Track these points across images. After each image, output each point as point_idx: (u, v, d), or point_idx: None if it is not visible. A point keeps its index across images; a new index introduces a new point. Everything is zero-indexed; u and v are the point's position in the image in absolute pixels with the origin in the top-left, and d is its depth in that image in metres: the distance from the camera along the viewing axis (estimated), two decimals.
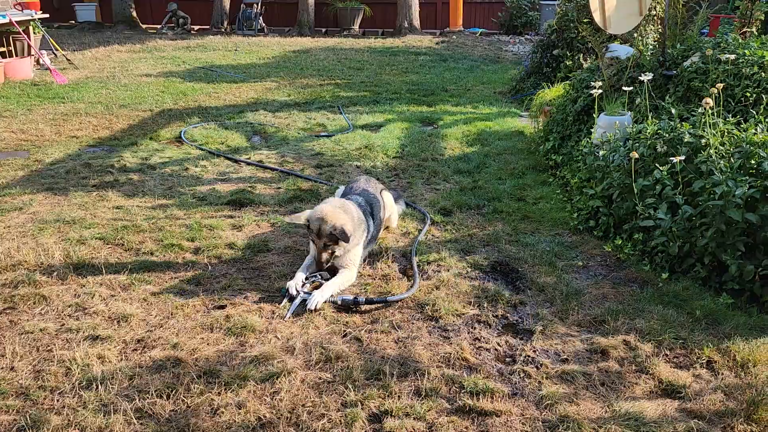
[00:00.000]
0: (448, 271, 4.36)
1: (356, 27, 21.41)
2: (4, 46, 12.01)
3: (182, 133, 7.94)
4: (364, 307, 3.90)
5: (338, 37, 20.11)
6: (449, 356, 3.39)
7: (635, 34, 6.61)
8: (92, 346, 3.45)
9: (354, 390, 3.09)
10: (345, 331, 3.65)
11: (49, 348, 3.45)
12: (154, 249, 4.64)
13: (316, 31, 21.15)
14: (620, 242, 4.59)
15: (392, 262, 4.54)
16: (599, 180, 4.96)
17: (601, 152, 4.95)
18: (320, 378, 3.20)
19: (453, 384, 3.16)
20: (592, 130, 5.64)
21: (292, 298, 3.94)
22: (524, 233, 5.00)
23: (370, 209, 4.58)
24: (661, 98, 5.55)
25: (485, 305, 3.92)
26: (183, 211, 5.40)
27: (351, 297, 3.91)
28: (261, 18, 20.79)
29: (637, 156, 4.18)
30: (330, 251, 4.14)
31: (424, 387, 3.12)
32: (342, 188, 5.13)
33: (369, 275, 4.36)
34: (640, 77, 5.36)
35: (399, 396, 3.06)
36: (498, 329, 3.70)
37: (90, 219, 5.18)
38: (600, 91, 5.22)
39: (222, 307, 3.89)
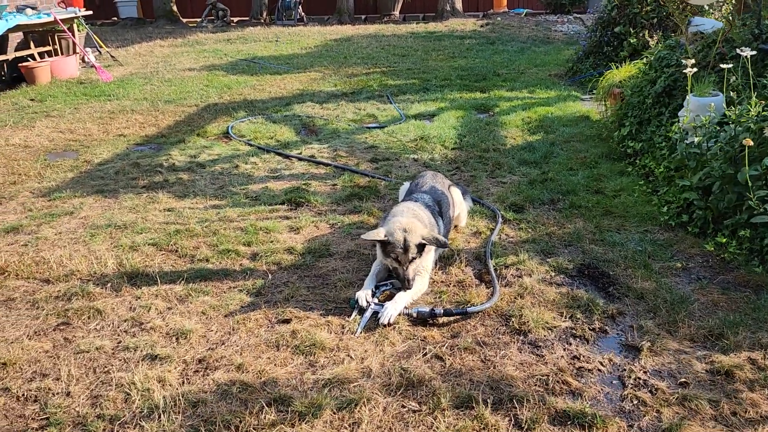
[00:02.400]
0: (530, 276, 3.93)
1: (396, 12, 20.91)
2: (49, 45, 11.99)
3: (230, 128, 7.68)
4: (441, 320, 3.53)
5: (378, 23, 19.66)
6: (547, 379, 2.99)
7: (718, 5, 5.99)
8: (151, 367, 3.16)
9: (444, 422, 2.72)
10: (424, 348, 3.28)
11: (106, 369, 3.18)
12: (209, 255, 4.35)
13: (355, 18, 20.75)
14: (724, 240, 4.09)
15: (465, 266, 4.15)
16: (694, 169, 4.44)
17: (696, 138, 4.42)
18: (404, 407, 2.84)
19: (557, 413, 2.76)
20: (680, 114, 5.09)
21: (362, 311, 3.59)
22: (609, 231, 4.53)
23: (439, 208, 4.19)
24: (758, 76, 4.96)
25: (578, 316, 3.50)
26: (236, 213, 5.10)
27: (427, 309, 3.53)
28: (300, 7, 20.50)
29: (752, 143, 3.66)
30: (414, 263, 3.75)
31: (525, 417, 2.72)
32: (407, 185, 4.74)
33: (442, 281, 3.98)
34: (733, 53, 4.80)
35: (496, 429, 2.68)
36: (598, 345, 3.27)
37: (141, 223, 4.93)
38: (694, 69, 4.67)
39: (287, 321, 3.56)
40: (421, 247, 3.68)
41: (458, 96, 9.20)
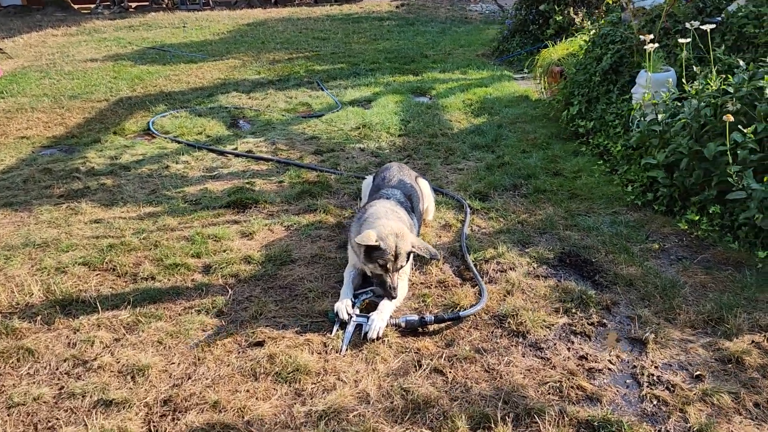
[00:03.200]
0: (514, 270, 3.72)
1: None
2: None
3: (150, 123, 6.99)
4: (431, 327, 3.24)
5: (291, 6, 18.96)
6: (560, 385, 2.77)
7: None
8: (107, 416, 2.68)
9: None
10: (419, 362, 2.98)
11: (50, 425, 2.66)
12: (154, 272, 3.84)
13: (265, 2, 19.90)
14: (696, 218, 4.03)
15: (443, 263, 3.87)
16: (658, 147, 4.37)
17: (659, 115, 4.34)
18: None
19: (580, 425, 2.54)
20: (633, 91, 5.04)
21: (343, 324, 3.24)
22: (579, 215, 4.39)
23: (410, 203, 3.89)
24: (705, 51, 4.97)
25: (573, 311, 3.31)
26: (177, 220, 4.57)
27: (416, 317, 3.23)
28: None
29: (732, 119, 3.58)
30: (399, 271, 3.42)
31: (557, 429, 2.49)
32: (370, 179, 4.40)
33: (422, 283, 3.69)
34: (678, 27, 4.77)
35: None
36: (601, 341, 3.09)
37: (66, 239, 4.30)
38: (654, 45, 4.58)
39: (260, 343, 3.15)
40: (409, 255, 3.37)
41: (391, 80, 8.89)
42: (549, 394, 2.73)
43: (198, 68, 10.21)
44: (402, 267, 3.34)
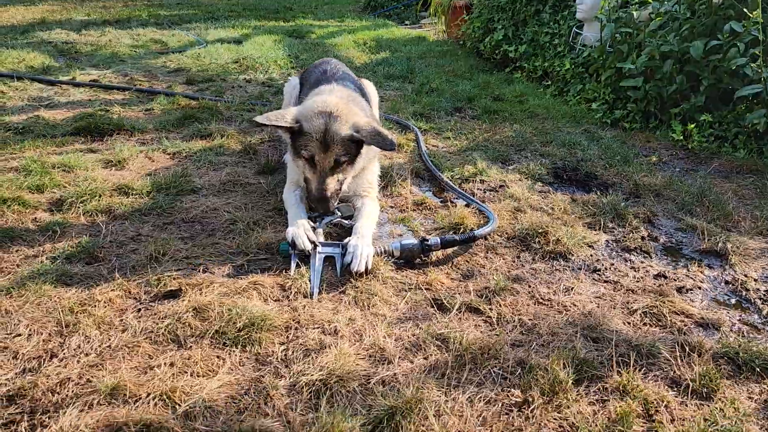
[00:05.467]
0: (508, 187, 2.81)
1: None
2: None
3: None
4: (435, 254, 2.22)
5: None
6: (655, 310, 1.90)
7: None
8: None
9: (584, 409, 1.47)
10: (437, 300, 1.95)
11: None
12: None
13: None
14: (691, 127, 3.43)
15: (410, 184, 2.86)
16: (632, 52, 3.74)
17: (634, 12, 3.71)
18: (494, 401, 1.50)
19: (721, 359, 1.69)
20: (577, 1, 4.40)
21: (304, 258, 2.10)
22: (548, 132, 3.62)
23: (366, 100, 2.82)
24: None
25: (611, 225, 2.49)
26: None
27: (414, 240, 2.18)
28: None
29: None
30: (342, 174, 2.32)
31: (689, 378, 1.60)
32: (295, 80, 3.26)
33: (393, 206, 2.65)
34: None
35: (666, 403, 1.51)
36: (666, 257, 2.29)
37: None
38: None
39: (173, 294, 1.91)
40: (352, 146, 2.30)
41: (260, 24, 7.61)
42: (647, 325, 1.85)
43: (4, 11, 8.05)
44: (340, 163, 2.27)
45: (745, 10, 3.25)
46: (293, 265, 2.07)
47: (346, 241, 2.14)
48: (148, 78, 4.76)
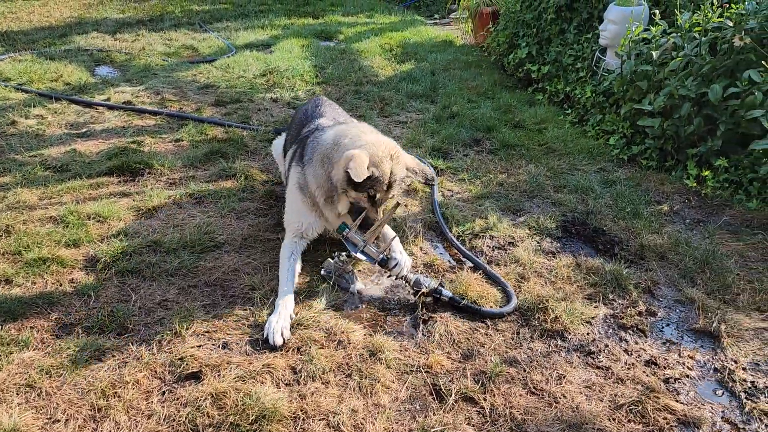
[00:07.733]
0: (515, 246, 2.92)
1: None
2: None
3: None
4: (437, 319, 2.36)
5: None
6: (640, 407, 2.02)
7: None
8: None
9: None
10: (436, 385, 2.10)
11: None
12: (10, 273, 2.58)
13: None
14: (706, 173, 3.45)
15: (422, 238, 2.99)
16: (650, 90, 3.74)
17: (654, 53, 3.70)
18: None
19: None
20: (600, 28, 4.38)
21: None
22: (563, 173, 3.69)
23: None
24: None
25: (611, 297, 2.58)
26: (37, 194, 3.27)
27: (432, 281, 2.45)
28: None
29: (748, 41, 2.96)
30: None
31: None
32: (280, 140, 3.43)
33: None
34: None
35: None
36: (660, 336, 2.38)
37: None
38: None
39: (195, 376, 2.10)
40: (402, 182, 2.61)
41: (289, 22, 7.69)
42: (631, 422, 1.97)
43: (42, 5, 8.28)
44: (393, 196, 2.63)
45: (766, 55, 3.22)
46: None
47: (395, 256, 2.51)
48: (179, 97, 4.93)
